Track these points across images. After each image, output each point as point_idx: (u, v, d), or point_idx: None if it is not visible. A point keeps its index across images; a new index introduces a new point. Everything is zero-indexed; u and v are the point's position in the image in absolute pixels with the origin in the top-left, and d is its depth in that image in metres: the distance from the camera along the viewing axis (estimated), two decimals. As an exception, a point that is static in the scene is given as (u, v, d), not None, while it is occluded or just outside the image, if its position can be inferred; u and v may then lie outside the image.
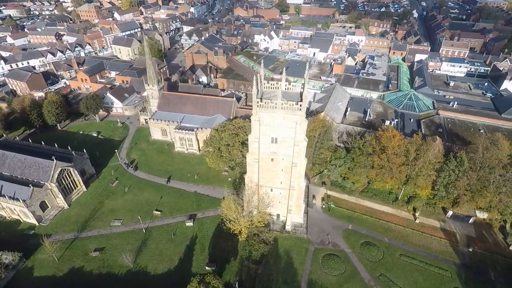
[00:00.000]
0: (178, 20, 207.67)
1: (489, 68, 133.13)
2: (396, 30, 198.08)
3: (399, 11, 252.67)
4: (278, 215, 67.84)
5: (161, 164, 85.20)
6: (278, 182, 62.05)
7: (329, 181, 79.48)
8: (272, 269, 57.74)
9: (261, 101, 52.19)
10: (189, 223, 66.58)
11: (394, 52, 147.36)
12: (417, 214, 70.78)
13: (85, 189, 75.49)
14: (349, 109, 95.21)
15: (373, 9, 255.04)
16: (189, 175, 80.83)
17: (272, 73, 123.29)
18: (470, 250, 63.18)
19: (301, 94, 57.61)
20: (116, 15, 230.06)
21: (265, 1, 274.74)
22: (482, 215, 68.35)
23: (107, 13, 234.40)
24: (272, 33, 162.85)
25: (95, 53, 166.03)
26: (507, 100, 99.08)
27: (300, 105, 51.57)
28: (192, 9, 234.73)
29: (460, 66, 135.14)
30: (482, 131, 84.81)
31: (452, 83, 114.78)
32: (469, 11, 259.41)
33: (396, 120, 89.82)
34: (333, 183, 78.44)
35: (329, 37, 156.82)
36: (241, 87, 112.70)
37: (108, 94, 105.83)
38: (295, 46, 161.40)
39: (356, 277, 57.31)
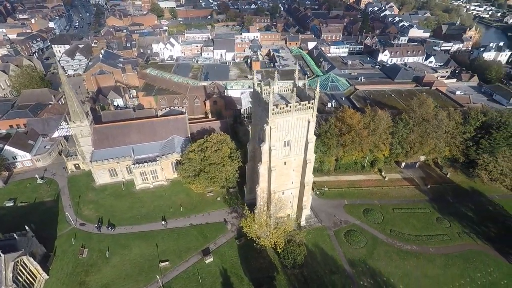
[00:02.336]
0: (39, 39, 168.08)
1: (362, 46, 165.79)
2: (275, 23, 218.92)
3: (265, 6, 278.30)
4: (288, 215, 68.43)
5: (130, 209, 71.14)
6: (290, 183, 62.65)
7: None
8: (314, 266, 58.79)
9: (276, 108, 51.02)
10: (209, 259, 59.45)
11: (290, 43, 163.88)
12: (383, 173, 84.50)
13: (47, 276, 56.08)
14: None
15: (244, 7, 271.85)
16: (172, 210, 70.88)
17: (196, 80, 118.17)
18: (428, 187, 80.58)
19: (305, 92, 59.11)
20: None
21: (134, 7, 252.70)
22: (422, 158, 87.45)
23: None
24: (172, 40, 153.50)
25: None
26: (392, 68, 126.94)
27: (312, 103, 53.26)
28: (51, 24, 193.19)
29: (342, 48, 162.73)
30: (393, 95, 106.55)
31: (349, 62, 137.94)
32: (316, 2, 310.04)
33: (333, 100, 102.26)
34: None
35: (230, 37, 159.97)
36: (175, 102, 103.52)
37: (7, 147, 78.98)
38: (198, 51, 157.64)
39: (377, 241, 64.85)
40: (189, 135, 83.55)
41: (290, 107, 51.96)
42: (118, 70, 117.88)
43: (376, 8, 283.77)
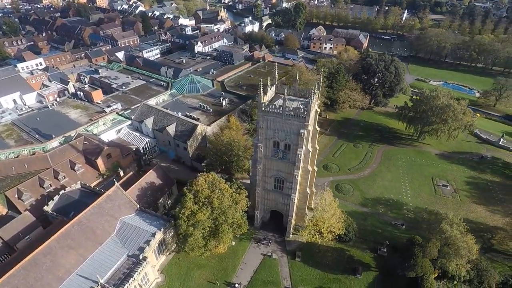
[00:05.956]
0: None
1: (169, 44, 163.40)
2: (32, 43, 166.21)
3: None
4: (301, 207, 70.02)
5: None
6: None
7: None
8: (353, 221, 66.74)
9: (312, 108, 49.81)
10: (301, 293, 53.65)
11: (96, 60, 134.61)
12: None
13: None
14: (187, 113, 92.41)
15: None
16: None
17: (40, 145, 79.20)
18: (328, 130, 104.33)
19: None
20: None
21: None
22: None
23: None
24: None
25: None
26: (225, 55, 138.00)
27: (317, 93, 55.92)
28: None
29: (154, 50, 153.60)
30: (252, 76, 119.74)
31: (184, 61, 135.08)
32: (51, 8, 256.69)
33: (220, 98, 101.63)
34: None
35: (10, 74, 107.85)
36: (46, 185, 66.12)
37: None
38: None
39: (353, 181, 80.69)
40: (138, 206, 60.59)
41: (316, 103, 52.71)
42: None
43: (126, 6, 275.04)
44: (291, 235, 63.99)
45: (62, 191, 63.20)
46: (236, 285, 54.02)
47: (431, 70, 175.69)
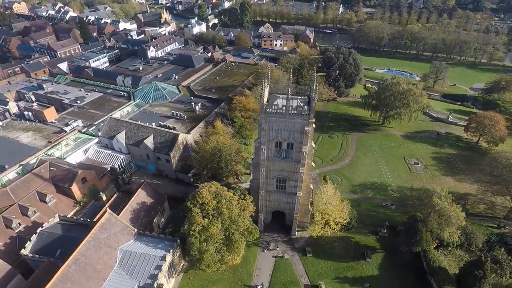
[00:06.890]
0: None
1: (117, 50, 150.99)
2: None
3: None
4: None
5: None
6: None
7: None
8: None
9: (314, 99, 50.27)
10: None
11: (36, 73, 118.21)
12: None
13: None
14: (160, 123, 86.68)
15: None
16: (230, 308, 51.50)
17: None
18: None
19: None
20: None
21: None
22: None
23: None
24: None
25: None
26: (183, 58, 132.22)
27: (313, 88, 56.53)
28: None
29: (102, 58, 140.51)
30: (217, 78, 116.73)
31: (140, 67, 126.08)
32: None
33: (192, 103, 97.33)
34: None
35: None
36: (14, 225, 56.20)
37: None
38: None
39: (339, 171, 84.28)
40: (135, 230, 55.29)
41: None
42: None
43: (53, 12, 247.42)
44: (296, 233, 64.42)
45: (40, 229, 54.53)
46: (258, 287, 52.81)
47: (373, 59, 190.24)
